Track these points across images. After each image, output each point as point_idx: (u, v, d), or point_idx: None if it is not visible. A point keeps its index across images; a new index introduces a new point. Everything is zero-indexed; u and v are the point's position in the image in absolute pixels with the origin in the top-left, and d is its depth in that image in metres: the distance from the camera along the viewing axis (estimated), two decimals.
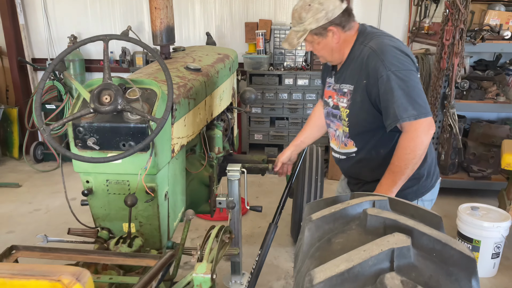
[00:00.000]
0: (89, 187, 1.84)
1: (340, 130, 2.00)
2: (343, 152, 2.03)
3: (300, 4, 1.82)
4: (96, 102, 1.64)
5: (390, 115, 1.70)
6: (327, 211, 1.10)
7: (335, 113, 2.00)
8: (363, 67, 1.78)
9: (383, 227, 1.00)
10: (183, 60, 2.63)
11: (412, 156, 1.68)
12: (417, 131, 1.67)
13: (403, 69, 1.70)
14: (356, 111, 1.85)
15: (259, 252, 2.59)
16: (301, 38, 1.84)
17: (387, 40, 1.80)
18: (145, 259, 1.41)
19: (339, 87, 1.93)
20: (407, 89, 1.67)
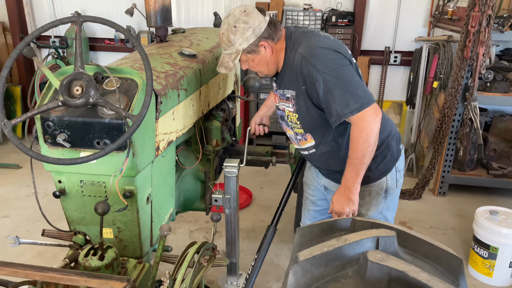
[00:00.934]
0: (61, 188, 1.65)
1: (291, 133, 2.06)
2: (304, 148, 2.06)
3: (225, 27, 1.83)
4: (65, 94, 1.43)
5: (333, 114, 1.74)
6: (318, 249, 0.88)
7: (282, 114, 2.05)
8: (298, 74, 1.81)
9: (387, 280, 0.78)
10: (179, 44, 2.39)
11: (367, 145, 1.72)
12: (365, 121, 1.70)
13: (335, 67, 1.73)
14: (304, 114, 1.90)
15: (256, 256, 2.41)
16: (236, 60, 1.86)
17: (313, 41, 1.82)
18: (110, 281, 1.23)
19: (282, 92, 1.96)
20: (344, 85, 1.71)
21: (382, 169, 1.99)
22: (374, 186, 2.01)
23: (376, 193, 2.02)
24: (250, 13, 1.81)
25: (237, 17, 1.80)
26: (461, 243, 3.51)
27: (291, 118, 1.97)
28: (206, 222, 3.81)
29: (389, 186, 2.03)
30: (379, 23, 4.92)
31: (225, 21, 1.84)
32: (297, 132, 2.01)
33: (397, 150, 2.04)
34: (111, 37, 5.49)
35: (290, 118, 1.97)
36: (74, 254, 1.62)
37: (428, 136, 4.43)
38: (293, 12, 4.85)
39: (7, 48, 5.74)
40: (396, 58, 4.95)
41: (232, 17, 1.81)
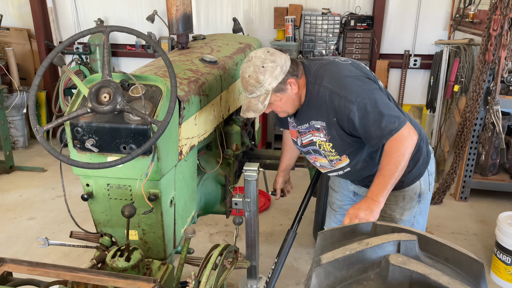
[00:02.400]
0: (89, 191, 1.71)
1: (323, 161, 2.04)
2: (339, 168, 2.05)
3: (251, 70, 1.78)
4: (94, 101, 1.49)
5: (372, 138, 1.75)
6: (340, 252, 0.90)
7: (308, 150, 2.04)
8: (328, 107, 1.81)
9: (408, 283, 0.80)
10: (200, 50, 2.45)
11: (401, 159, 1.72)
12: (403, 139, 1.71)
13: (365, 93, 1.74)
14: (338, 142, 1.89)
15: (276, 260, 2.43)
16: (266, 100, 1.82)
17: (336, 72, 1.83)
18: (137, 282, 1.27)
19: (308, 125, 1.95)
20: (377, 108, 1.72)
21: (415, 174, 1.99)
22: (408, 191, 2.01)
23: (410, 198, 2.01)
24: (274, 52, 1.81)
25: (263, 58, 1.78)
26: (483, 249, 3.46)
27: (324, 147, 1.95)
28: (225, 225, 3.85)
29: (423, 190, 2.02)
30: (399, 26, 4.90)
31: (249, 65, 1.80)
32: (331, 159, 2.00)
33: (428, 153, 2.03)
34: (132, 43, 5.62)
35: (323, 147, 1.96)
36: (101, 255, 1.67)
37: (449, 140, 4.38)
38: (311, 17, 4.87)
39: (32, 55, 5.93)
40: (416, 62, 4.92)
41: (258, 59, 1.78)
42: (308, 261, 3.35)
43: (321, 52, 5.00)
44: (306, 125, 1.96)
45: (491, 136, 3.94)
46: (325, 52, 4.99)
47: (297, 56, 4.94)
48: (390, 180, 1.72)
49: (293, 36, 4.90)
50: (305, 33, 4.97)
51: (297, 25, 4.98)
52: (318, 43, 4.99)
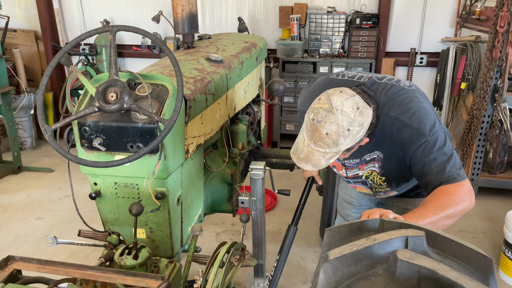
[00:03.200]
0: (97, 190, 1.73)
1: (365, 191, 1.97)
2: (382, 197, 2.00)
3: (334, 129, 1.47)
4: (101, 100, 1.50)
5: (430, 180, 1.55)
6: (348, 248, 0.90)
7: (347, 180, 1.97)
8: (394, 139, 1.62)
9: (416, 278, 0.80)
10: (205, 50, 2.45)
11: (452, 205, 1.46)
12: (461, 190, 1.50)
13: (438, 130, 1.57)
14: (394, 176, 1.75)
15: (278, 257, 2.43)
16: (332, 159, 1.55)
17: (407, 102, 1.61)
18: (145, 279, 1.28)
19: (359, 161, 1.79)
20: (446, 150, 1.56)
21: None
22: None
23: None
24: (363, 110, 1.51)
25: (351, 118, 1.48)
26: (492, 247, 3.44)
27: (374, 179, 1.82)
28: (232, 224, 3.86)
29: None
30: (405, 24, 4.88)
31: (331, 119, 1.47)
32: (378, 191, 1.89)
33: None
34: (138, 43, 5.64)
35: (372, 178, 1.83)
36: (109, 253, 1.68)
37: (456, 138, 4.36)
38: (316, 16, 4.86)
39: (39, 56, 5.97)
40: (422, 60, 4.89)
41: (346, 117, 1.47)
42: (315, 260, 3.35)
43: (326, 52, 4.99)
44: (356, 160, 1.79)
45: (499, 133, 3.92)
46: (331, 51, 4.98)
47: (302, 55, 4.94)
48: (431, 215, 1.42)
49: (298, 35, 4.90)
50: (310, 32, 4.96)
51: (302, 24, 4.97)
52: (323, 42, 4.99)
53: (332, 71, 4.87)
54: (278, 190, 2.70)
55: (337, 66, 4.86)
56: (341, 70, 1.99)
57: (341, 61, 4.85)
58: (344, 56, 4.92)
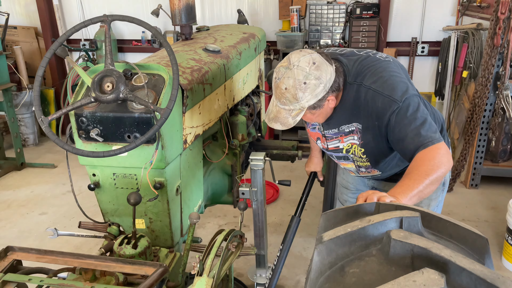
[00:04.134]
0: (95, 181, 1.73)
1: (348, 166, 1.97)
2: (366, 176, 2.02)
3: (291, 83, 1.55)
4: (97, 90, 1.50)
5: (408, 145, 1.57)
6: (342, 230, 0.90)
7: (332, 154, 1.97)
8: (369, 108, 1.64)
9: (410, 257, 0.79)
10: (203, 40, 2.44)
11: (434, 170, 1.47)
12: (439, 153, 1.51)
13: (411, 96, 1.60)
14: (372, 148, 1.76)
15: (281, 247, 2.43)
16: (298, 117, 1.62)
17: (380, 71, 1.66)
18: (144, 267, 1.28)
19: (337, 131, 1.81)
20: (421, 114, 1.59)
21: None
22: None
23: (437, 188, 1.91)
24: (320, 65, 1.57)
25: (306, 72, 1.54)
26: (495, 236, 3.42)
27: (355, 152, 1.83)
28: (234, 216, 3.87)
29: (446, 179, 1.96)
30: (405, 13, 4.84)
31: (288, 74, 1.56)
32: (360, 165, 1.90)
33: (448, 142, 1.94)
34: (138, 38, 5.63)
35: (353, 151, 1.84)
36: (109, 244, 1.69)
37: (458, 127, 4.33)
38: (316, 6, 4.83)
39: (40, 52, 5.98)
40: (424, 49, 4.85)
41: (300, 71, 1.54)
42: None
43: (327, 43, 4.96)
44: (334, 130, 1.81)
45: (501, 122, 3.89)
46: (331, 42, 4.95)
47: (302, 46, 4.91)
48: (418, 185, 1.43)
49: (298, 26, 4.87)
50: (310, 23, 4.93)
51: (302, 15, 4.94)
52: (324, 33, 4.96)
53: None
54: (279, 181, 2.70)
55: None
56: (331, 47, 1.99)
57: None
58: (345, 47, 4.88)
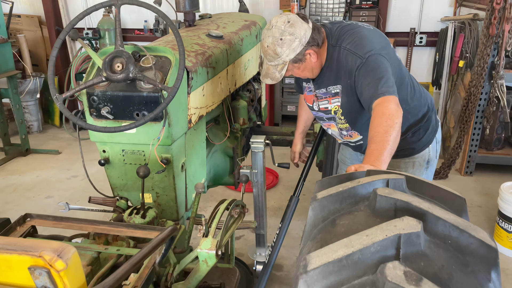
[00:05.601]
0: (105, 157, 1.83)
1: (334, 129, 2.10)
2: (349, 142, 2.12)
3: (270, 40, 1.80)
4: (108, 70, 1.60)
5: (364, 97, 1.74)
6: (334, 189, 1.00)
7: (321, 116, 2.09)
8: (344, 68, 1.84)
9: (393, 210, 0.90)
10: (206, 27, 2.53)
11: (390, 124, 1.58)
12: (390, 104, 1.64)
13: (376, 54, 1.75)
14: (348, 108, 1.92)
15: (280, 225, 2.54)
16: (283, 71, 1.86)
17: (356, 34, 1.84)
18: (153, 231, 1.39)
19: (325, 91, 1.98)
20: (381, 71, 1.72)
21: (425, 141, 2.05)
22: (418, 158, 2.07)
23: (419, 164, 2.08)
24: (294, 23, 1.78)
25: (282, 29, 1.77)
26: (487, 220, 3.54)
27: (337, 114, 1.99)
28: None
29: (431, 157, 2.09)
30: (404, 4, 4.91)
31: (268, 34, 1.80)
32: (341, 127, 2.04)
33: (436, 122, 2.10)
34: (140, 27, 5.70)
35: (337, 113, 1.99)
36: (118, 217, 1.80)
37: (454, 116, 4.43)
38: None
39: (43, 41, 6.05)
40: (422, 39, 4.94)
41: (277, 29, 1.78)
42: None
43: None
44: (323, 90, 1.98)
45: (496, 110, 3.99)
46: None
47: None
48: (385, 146, 1.51)
49: None
50: (310, 13, 5.01)
51: (302, 5, 5.02)
52: (324, 23, 5.03)
53: None
54: (278, 164, 2.80)
55: None
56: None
57: None
58: None
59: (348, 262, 0.77)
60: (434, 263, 0.77)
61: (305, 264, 0.79)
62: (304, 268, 0.78)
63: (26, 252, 0.82)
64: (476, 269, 0.79)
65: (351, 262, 0.77)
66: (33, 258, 0.82)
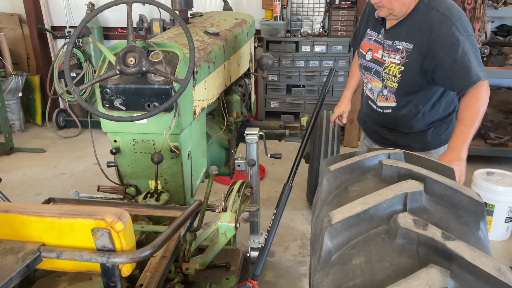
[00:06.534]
0: (116, 146, 1.94)
1: (376, 84, 2.08)
2: (380, 105, 2.12)
3: None
4: (121, 64, 1.71)
5: (459, 79, 1.79)
6: (344, 163, 1.16)
7: (371, 66, 2.08)
8: (432, 31, 1.82)
9: (397, 176, 1.06)
10: (201, 25, 2.66)
11: (479, 110, 1.74)
12: (483, 92, 1.76)
13: (471, 34, 1.80)
14: (412, 69, 1.91)
15: (275, 211, 2.70)
16: None
17: (456, 8, 1.85)
18: (172, 210, 1.51)
19: (391, 43, 1.97)
20: (476, 52, 1.80)
21: (443, 139, 2.14)
22: (433, 154, 2.15)
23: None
24: None
25: None
26: None
27: (392, 70, 1.98)
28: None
29: None
30: None
31: None
32: (387, 85, 2.03)
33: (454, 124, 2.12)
34: (124, 26, 5.73)
35: (390, 70, 1.99)
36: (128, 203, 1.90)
37: None
38: None
39: (24, 39, 6.01)
40: None
41: None
42: (303, 222, 3.64)
43: (307, 32, 5.23)
44: (390, 42, 1.98)
45: None
46: (312, 31, 5.22)
47: (285, 34, 5.17)
48: (471, 130, 1.73)
49: (281, 16, 5.11)
50: (292, 13, 5.19)
51: (284, 5, 5.19)
52: (304, 22, 5.22)
53: (314, 50, 5.13)
54: (271, 154, 2.96)
55: (318, 45, 5.11)
56: None
57: (322, 40, 5.11)
58: (325, 35, 5.17)
59: (365, 216, 0.93)
60: (434, 215, 0.94)
61: (329, 219, 0.94)
62: (329, 222, 0.94)
63: (89, 216, 0.94)
64: (467, 220, 0.97)
65: (367, 216, 0.93)
66: (96, 221, 0.93)
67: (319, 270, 0.93)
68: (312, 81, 5.28)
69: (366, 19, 2.19)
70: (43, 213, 0.95)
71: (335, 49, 5.10)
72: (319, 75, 5.22)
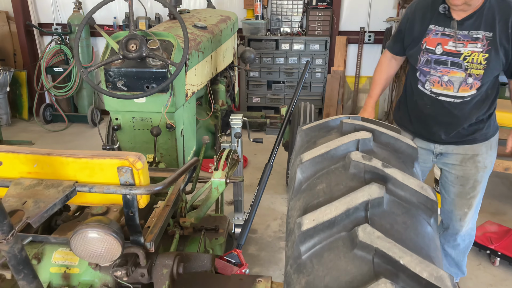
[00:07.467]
0: (118, 124, 2.19)
1: (456, 75, 2.11)
2: (459, 96, 2.15)
3: None
4: (124, 49, 1.97)
5: None
6: (313, 123, 1.46)
7: (444, 59, 2.11)
8: (508, 16, 1.98)
9: (354, 131, 1.36)
10: (190, 20, 2.93)
11: None
12: None
13: None
14: (495, 56, 2.03)
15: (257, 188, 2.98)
16: None
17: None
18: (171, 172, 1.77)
19: (467, 33, 2.06)
20: None
21: (493, 127, 2.30)
22: (493, 140, 2.32)
23: (495, 145, 2.34)
24: None
25: None
26: None
27: (475, 59, 2.05)
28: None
29: (496, 141, 2.35)
30: (355, 5, 5.51)
31: None
32: (472, 73, 2.09)
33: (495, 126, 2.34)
34: (110, 23, 5.94)
35: (473, 58, 2.05)
36: None
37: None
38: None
39: (11, 36, 6.14)
40: (370, 37, 5.56)
41: None
42: (283, 204, 3.95)
43: (286, 31, 5.55)
44: (465, 32, 2.05)
45: None
46: (291, 30, 5.54)
47: (265, 33, 5.48)
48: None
49: (262, 15, 5.42)
50: (272, 12, 5.50)
51: (265, 5, 5.50)
52: (284, 22, 5.54)
53: (292, 48, 5.45)
54: (253, 139, 3.24)
55: (297, 43, 5.43)
56: None
57: (300, 38, 5.43)
58: (303, 34, 5.50)
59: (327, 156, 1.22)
60: (379, 156, 1.24)
61: (301, 159, 1.24)
62: (300, 161, 1.23)
63: (116, 157, 1.19)
64: (405, 160, 1.27)
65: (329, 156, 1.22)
66: (121, 161, 1.19)
67: (292, 198, 1.22)
68: (291, 77, 5.59)
69: (420, 18, 2.18)
70: (79, 155, 1.21)
71: (312, 47, 5.43)
72: (298, 71, 5.55)
